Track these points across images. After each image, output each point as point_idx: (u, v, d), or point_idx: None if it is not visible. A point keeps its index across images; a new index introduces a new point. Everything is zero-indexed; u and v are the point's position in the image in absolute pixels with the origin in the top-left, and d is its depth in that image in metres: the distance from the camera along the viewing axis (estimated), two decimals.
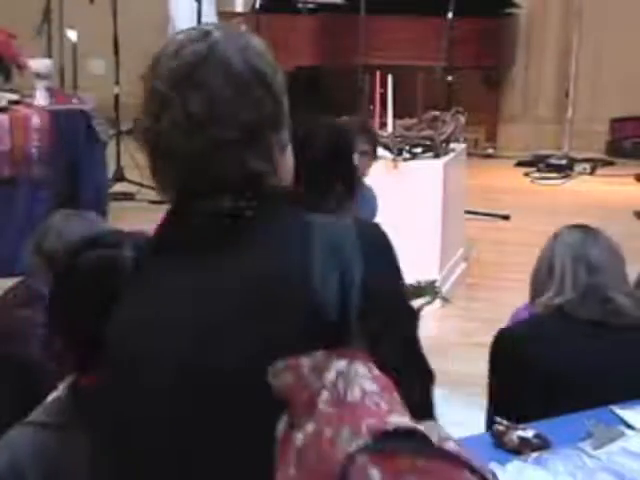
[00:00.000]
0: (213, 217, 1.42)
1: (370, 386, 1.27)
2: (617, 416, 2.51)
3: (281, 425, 1.27)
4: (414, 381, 1.40)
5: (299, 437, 1.25)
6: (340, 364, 1.28)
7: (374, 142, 4.55)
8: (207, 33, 1.45)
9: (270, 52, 1.50)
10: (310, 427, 1.25)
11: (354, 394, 1.26)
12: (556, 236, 2.78)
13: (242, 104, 1.42)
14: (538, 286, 2.77)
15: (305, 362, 1.27)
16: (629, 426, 2.47)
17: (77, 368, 1.69)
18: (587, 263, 2.67)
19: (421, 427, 1.25)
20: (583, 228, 2.80)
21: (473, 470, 1.23)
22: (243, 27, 4.43)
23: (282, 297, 1.35)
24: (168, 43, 1.48)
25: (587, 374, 2.58)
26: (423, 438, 1.24)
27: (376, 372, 1.29)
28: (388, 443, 1.21)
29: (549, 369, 2.60)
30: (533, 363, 2.62)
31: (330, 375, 1.27)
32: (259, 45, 1.48)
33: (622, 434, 2.42)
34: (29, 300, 2.98)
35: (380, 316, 1.36)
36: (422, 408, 1.38)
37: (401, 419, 1.25)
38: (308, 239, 1.37)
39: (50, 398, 1.80)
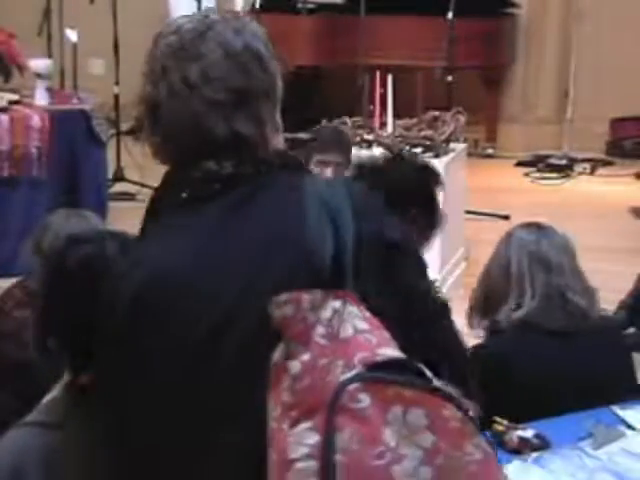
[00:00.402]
0: (211, 179, 1.50)
1: (362, 325, 1.35)
2: (617, 416, 2.51)
3: (276, 354, 1.34)
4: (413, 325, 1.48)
5: (295, 365, 1.32)
6: (335, 303, 1.35)
7: (349, 152, 4.53)
8: (206, 16, 1.56)
9: (267, 38, 1.59)
10: (305, 357, 1.32)
11: (347, 331, 1.34)
12: (509, 237, 2.74)
13: (234, 72, 1.52)
14: (493, 295, 2.71)
15: (305, 297, 1.35)
16: (629, 426, 2.47)
17: (73, 367, 1.72)
18: (544, 263, 2.65)
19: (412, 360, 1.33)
20: (535, 226, 2.78)
21: (460, 407, 1.29)
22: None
23: (282, 254, 1.42)
24: (170, 22, 1.58)
25: (559, 383, 2.58)
26: (417, 371, 1.31)
27: (367, 314, 1.37)
28: (379, 373, 1.29)
29: (523, 383, 2.60)
30: (508, 379, 2.61)
31: (326, 313, 1.35)
32: (256, 28, 1.58)
33: (622, 434, 2.42)
34: (28, 300, 2.98)
35: (374, 260, 1.44)
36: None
37: (392, 351, 1.33)
38: (302, 201, 1.46)
39: (48, 397, 1.80)
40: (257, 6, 7.33)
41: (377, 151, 5.27)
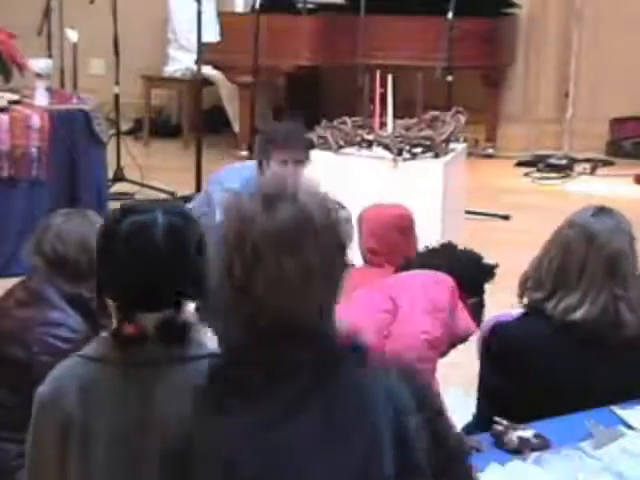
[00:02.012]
0: (294, 365, 1.60)
1: None
2: (617, 416, 2.51)
3: None
4: None
5: None
6: None
7: (308, 148, 4.52)
8: (294, 196, 1.63)
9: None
10: None
11: None
12: (590, 239, 2.68)
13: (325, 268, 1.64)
14: (559, 274, 2.69)
15: None
16: (629, 426, 2.47)
17: (120, 317, 1.98)
18: (614, 271, 2.64)
19: None
20: (609, 217, 2.75)
21: None
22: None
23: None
24: (254, 198, 1.65)
25: (581, 392, 2.58)
26: None
27: None
28: None
29: (542, 382, 2.60)
30: (528, 370, 2.62)
31: None
32: (345, 215, 1.74)
33: (622, 434, 2.42)
34: (29, 300, 2.98)
35: (442, 453, 1.61)
36: None
37: None
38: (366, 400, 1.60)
39: (98, 337, 2.09)
40: (257, 6, 7.32)
41: (377, 151, 5.29)
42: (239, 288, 1.61)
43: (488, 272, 3.28)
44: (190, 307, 2.03)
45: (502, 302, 4.22)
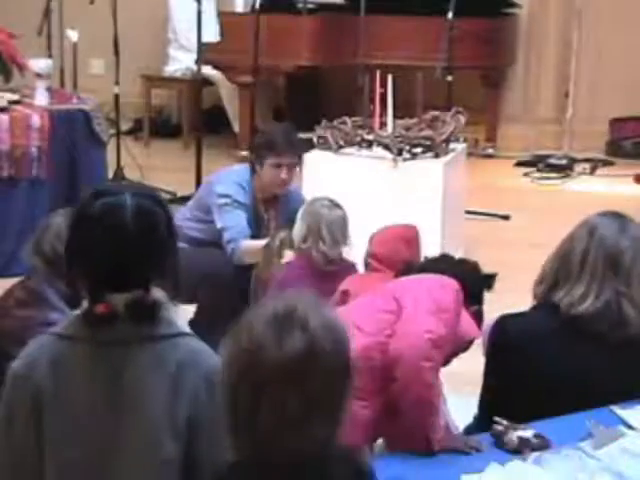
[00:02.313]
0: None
1: None
2: (617, 416, 2.51)
3: None
4: None
5: None
6: None
7: (301, 151, 4.55)
8: (305, 324, 1.69)
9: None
10: None
11: None
12: (592, 232, 2.72)
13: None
14: (563, 267, 2.71)
15: None
16: (629, 426, 2.47)
17: (91, 297, 2.04)
18: (616, 266, 2.65)
19: None
20: (619, 222, 2.77)
21: None
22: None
23: None
24: (265, 327, 1.69)
25: (581, 386, 2.58)
26: None
27: None
28: None
29: (545, 373, 2.60)
30: (531, 361, 2.62)
31: None
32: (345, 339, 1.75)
33: (622, 434, 2.42)
34: (29, 300, 2.98)
35: None
36: None
37: None
38: None
39: (72, 316, 2.15)
40: (257, 6, 7.31)
41: (377, 151, 5.28)
42: (243, 415, 1.68)
43: (487, 280, 3.33)
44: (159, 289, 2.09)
45: (503, 302, 4.22)
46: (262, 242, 4.18)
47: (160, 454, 1.98)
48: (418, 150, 5.29)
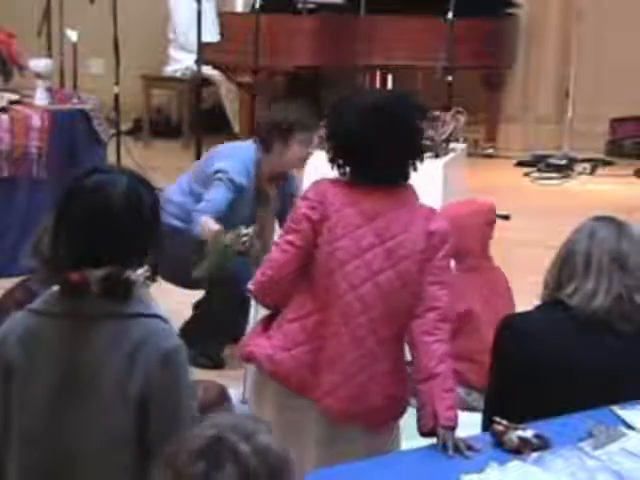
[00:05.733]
0: None
1: None
2: (617, 416, 2.51)
3: None
4: None
5: None
6: None
7: (320, 120, 4.50)
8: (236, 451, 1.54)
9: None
10: None
11: None
12: (592, 235, 2.73)
13: None
14: (566, 269, 2.71)
15: None
16: (629, 426, 2.47)
17: (70, 266, 2.06)
18: (622, 262, 2.66)
19: None
20: (616, 224, 2.78)
21: None
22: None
23: None
24: (193, 462, 1.54)
25: (594, 378, 2.58)
26: None
27: None
28: None
29: (554, 371, 2.60)
30: (539, 360, 2.62)
31: None
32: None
33: (622, 434, 2.42)
34: (29, 301, 2.98)
35: None
36: None
37: None
38: None
39: (47, 292, 2.15)
40: (257, 6, 7.32)
41: None
42: None
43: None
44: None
45: None
46: (215, 226, 4.07)
47: (113, 433, 2.02)
48: None
